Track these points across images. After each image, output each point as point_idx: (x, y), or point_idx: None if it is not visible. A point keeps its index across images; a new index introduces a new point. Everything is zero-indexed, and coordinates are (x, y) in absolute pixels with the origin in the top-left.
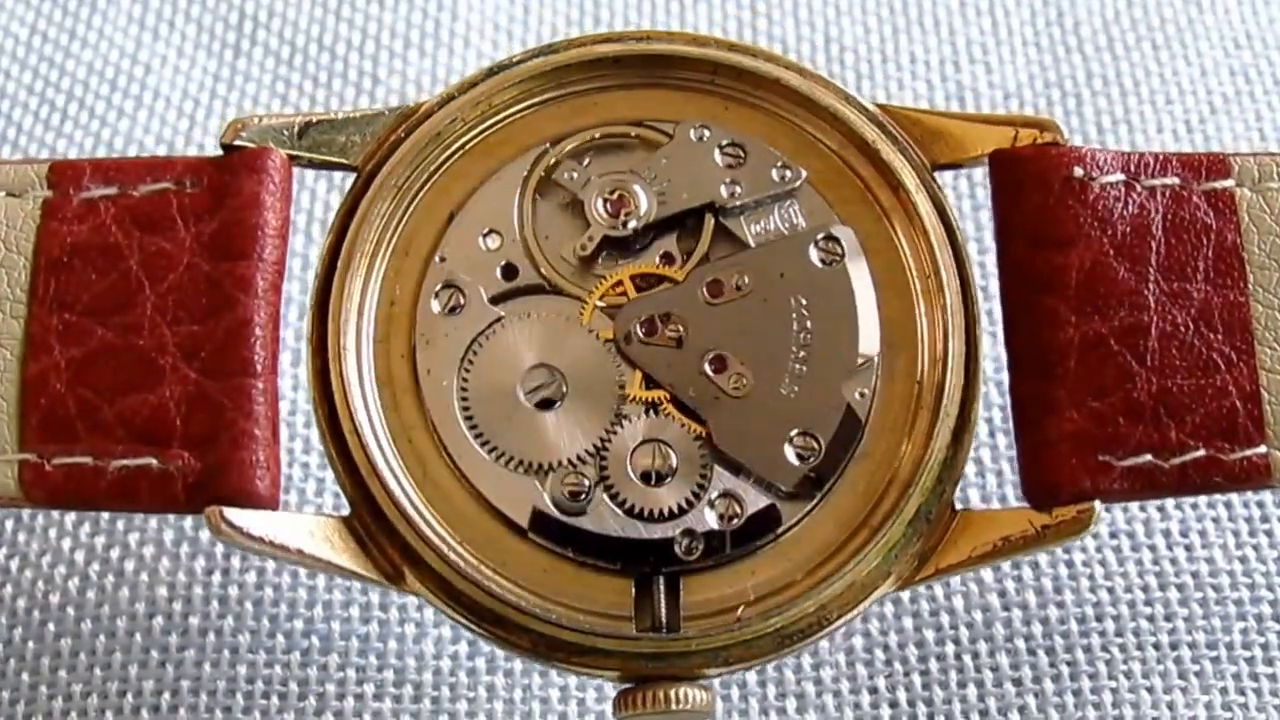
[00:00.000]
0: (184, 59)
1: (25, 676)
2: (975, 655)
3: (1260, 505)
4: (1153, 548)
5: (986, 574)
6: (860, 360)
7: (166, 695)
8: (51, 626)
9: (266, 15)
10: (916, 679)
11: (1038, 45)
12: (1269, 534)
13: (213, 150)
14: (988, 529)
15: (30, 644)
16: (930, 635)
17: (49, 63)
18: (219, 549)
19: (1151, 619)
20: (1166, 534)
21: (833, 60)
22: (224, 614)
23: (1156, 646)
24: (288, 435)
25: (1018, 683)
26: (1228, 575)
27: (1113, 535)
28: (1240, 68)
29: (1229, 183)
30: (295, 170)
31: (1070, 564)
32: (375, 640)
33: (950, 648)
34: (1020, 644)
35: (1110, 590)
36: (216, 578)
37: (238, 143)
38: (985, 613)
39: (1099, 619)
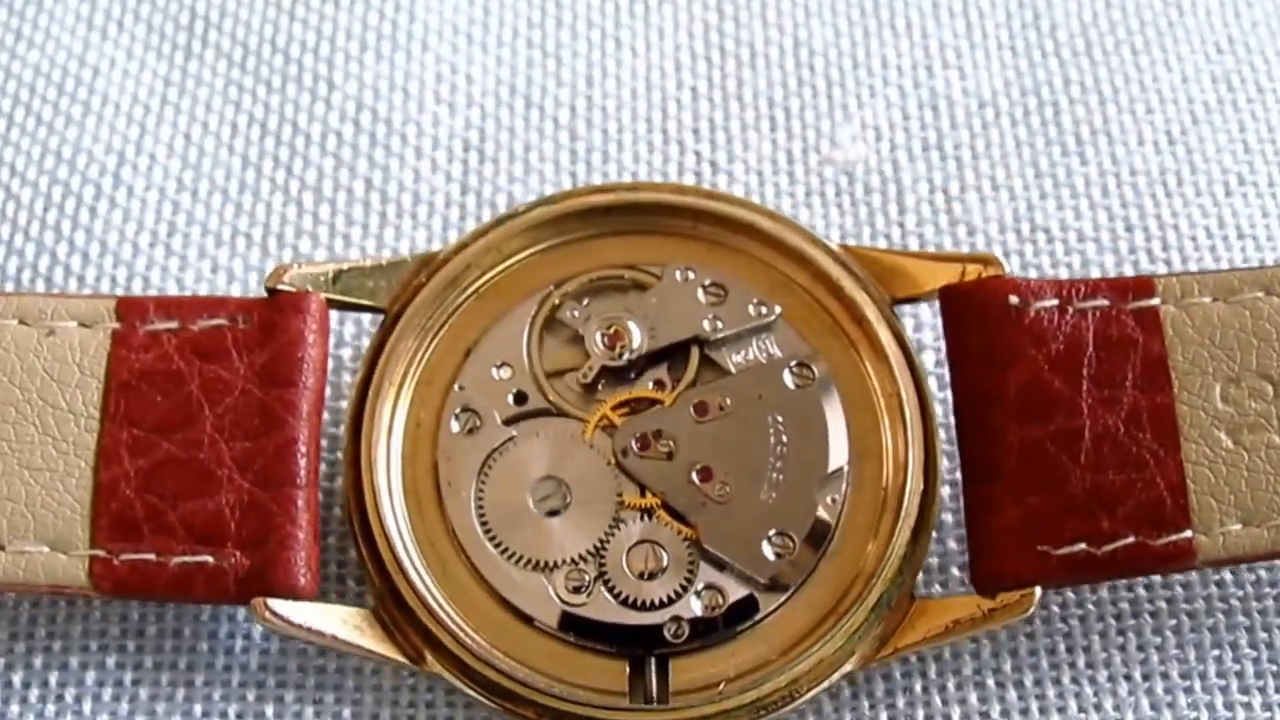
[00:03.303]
0: (133, 61)
1: None
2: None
3: None
4: None
5: None
6: (831, 470)
7: None
8: None
9: (218, 15)
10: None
11: (1013, 49)
12: None
13: (166, 162)
14: (940, 613)
15: None
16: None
17: None
18: None
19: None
20: None
21: (802, 65)
22: None
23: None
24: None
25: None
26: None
27: None
28: (1222, 74)
29: (1154, 301)
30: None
31: None
32: None
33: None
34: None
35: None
36: None
37: (280, 287)
38: None
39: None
